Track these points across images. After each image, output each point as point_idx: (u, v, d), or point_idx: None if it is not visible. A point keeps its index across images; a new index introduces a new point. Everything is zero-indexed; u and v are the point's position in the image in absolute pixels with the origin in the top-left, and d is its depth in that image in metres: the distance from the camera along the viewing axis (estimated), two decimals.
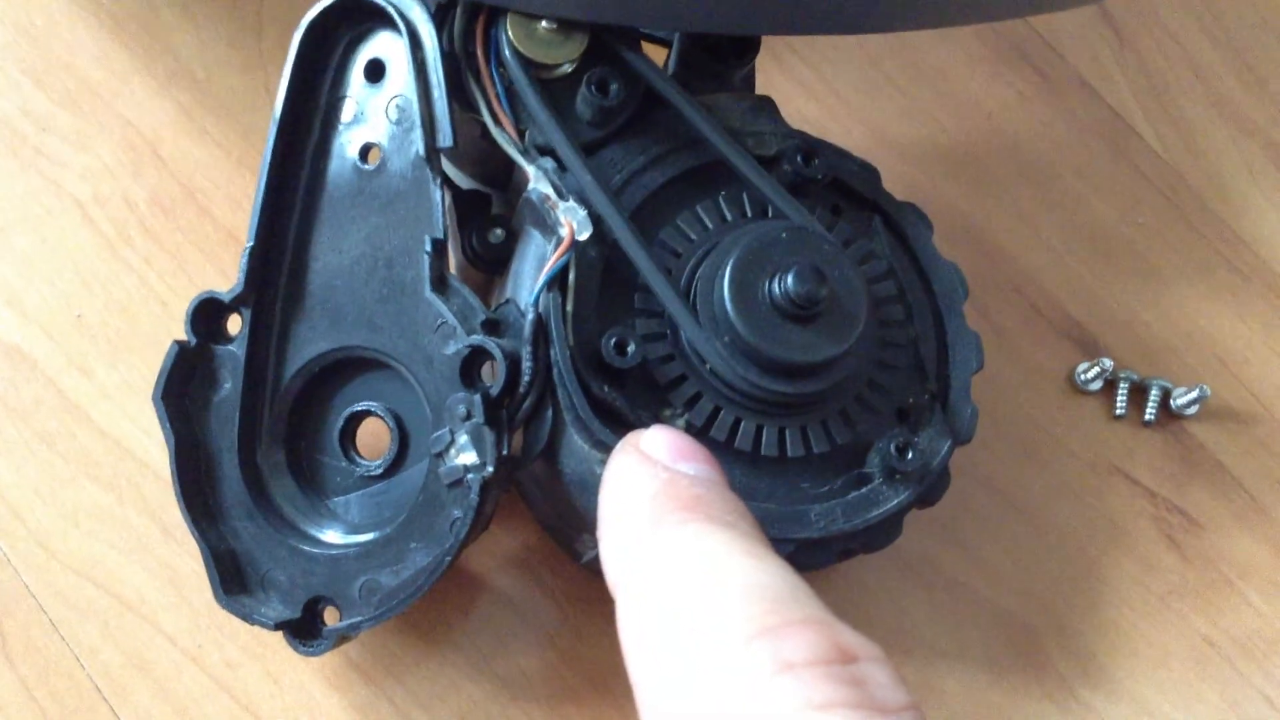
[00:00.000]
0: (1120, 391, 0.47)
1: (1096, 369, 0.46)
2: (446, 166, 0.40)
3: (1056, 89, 0.52)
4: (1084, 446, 0.46)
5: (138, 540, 0.41)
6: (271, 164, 0.37)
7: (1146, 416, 0.47)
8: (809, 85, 0.51)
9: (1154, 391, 0.47)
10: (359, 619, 0.35)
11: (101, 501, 0.41)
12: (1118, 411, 0.47)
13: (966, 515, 0.45)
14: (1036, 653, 0.43)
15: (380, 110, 0.37)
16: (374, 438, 0.39)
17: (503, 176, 0.40)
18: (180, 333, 0.43)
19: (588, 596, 0.42)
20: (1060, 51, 0.53)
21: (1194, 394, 0.46)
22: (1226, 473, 0.47)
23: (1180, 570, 0.45)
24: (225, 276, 0.44)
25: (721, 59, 0.39)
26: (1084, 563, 0.45)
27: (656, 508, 0.29)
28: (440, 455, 0.34)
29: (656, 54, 0.40)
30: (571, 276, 0.35)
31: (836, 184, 0.39)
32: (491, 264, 0.38)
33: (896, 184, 0.41)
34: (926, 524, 0.43)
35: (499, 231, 0.38)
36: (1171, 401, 0.47)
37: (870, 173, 0.40)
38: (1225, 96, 0.53)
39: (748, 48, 0.40)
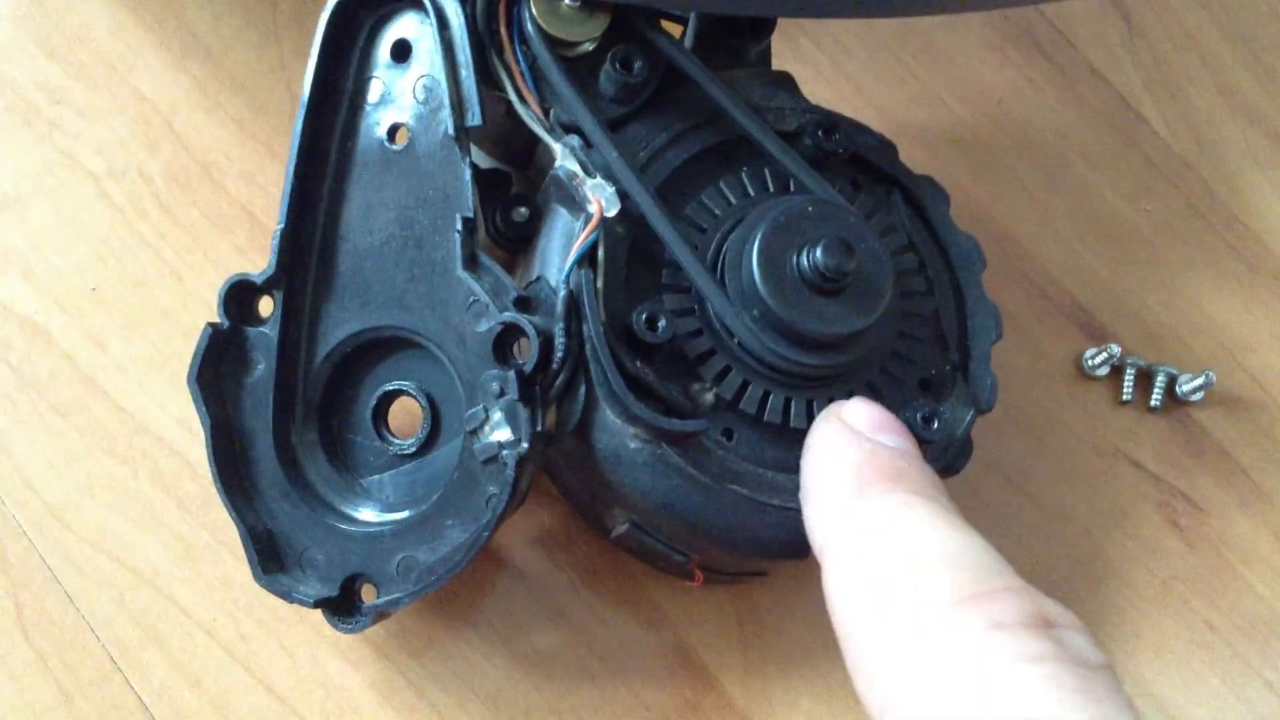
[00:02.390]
0: (1126, 377, 0.47)
1: (1104, 355, 0.47)
2: None
3: (1066, 76, 0.52)
4: (1090, 431, 0.47)
5: (152, 513, 0.41)
6: (300, 146, 0.37)
7: (1152, 402, 0.47)
8: (821, 69, 0.51)
9: (1160, 378, 0.47)
10: (398, 595, 0.35)
11: (116, 474, 0.41)
12: (1124, 397, 0.47)
13: (972, 498, 0.45)
14: None
15: (407, 90, 0.37)
16: (406, 417, 0.39)
17: (523, 155, 0.40)
18: (194, 305, 0.44)
19: (602, 576, 0.42)
20: (1070, 39, 0.53)
21: (1199, 380, 0.47)
22: (1230, 459, 0.47)
23: (1183, 555, 0.46)
24: (240, 251, 0.44)
25: (738, 35, 0.40)
26: (1088, 546, 0.45)
27: (862, 477, 0.31)
28: (475, 433, 0.34)
29: (672, 30, 0.40)
30: (600, 253, 0.35)
31: (855, 159, 0.40)
32: (515, 242, 0.38)
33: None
34: None
35: (523, 210, 0.38)
36: (1177, 388, 0.47)
37: (888, 147, 0.40)
38: (1234, 86, 0.53)
39: (764, 25, 0.40)
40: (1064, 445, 0.46)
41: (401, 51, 0.37)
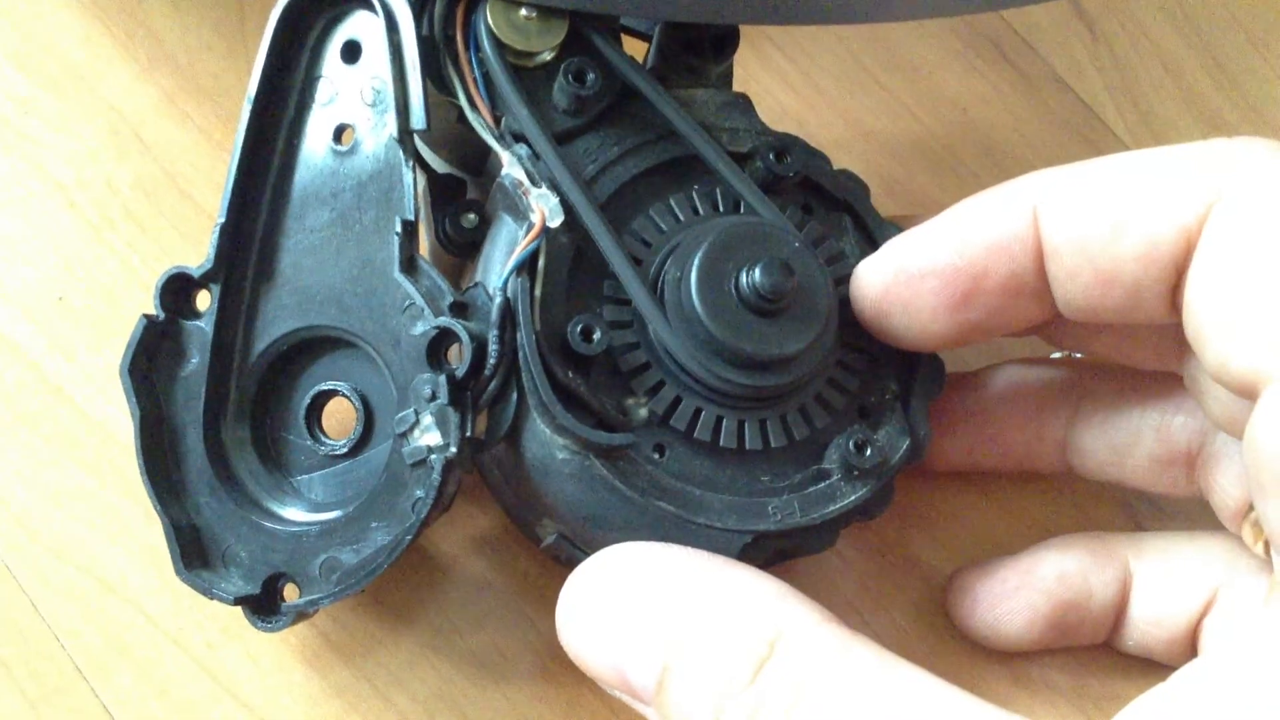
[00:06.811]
0: None
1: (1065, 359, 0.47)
2: (424, 150, 0.41)
3: (1030, 83, 0.53)
4: None
5: (119, 522, 0.41)
6: (245, 142, 0.38)
7: None
8: (788, 78, 0.52)
9: None
10: (318, 596, 0.36)
11: (84, 484, 0.42)
12: None
13: (932, 501, 0.45)
14: None
15: (355, 91, 0.37)
16: (340, 417, 0.39)
17: (479, 162, 0.40)
18: None
19: (544, 578, 0.42)
20: (1034, 46, 0.54)
21: None
22: None
23: None
24: None
25: (699, 55, 0.40)
26: None
27: None
28: (404, 435, 0.34)
29: (638, 48, 0.40)
30: (541, 262, 0.35)
31: (808, 183, 0.40)
32: (463, 248, 0.38)
33: (873, 177, 0.41)
34: (900, 513, 0.44)
35: (471, 216, 0.38)
36: None
37: (845, 176, 0.40)
38: (1197, 94, 0.54)
39: (726, 44, 0.40)
40: None
41: (352, 52, 0.38)
